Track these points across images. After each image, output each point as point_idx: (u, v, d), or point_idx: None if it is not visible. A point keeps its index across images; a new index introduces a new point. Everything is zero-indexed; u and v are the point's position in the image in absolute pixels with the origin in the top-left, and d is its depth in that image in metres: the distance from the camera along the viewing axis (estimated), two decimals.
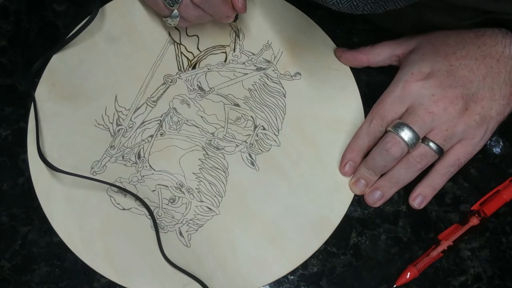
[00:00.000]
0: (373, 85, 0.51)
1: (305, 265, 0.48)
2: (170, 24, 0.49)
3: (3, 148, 0.50)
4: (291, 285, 0.47)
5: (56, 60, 0.52)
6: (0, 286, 0.47)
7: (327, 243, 0.48)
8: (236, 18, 0.49)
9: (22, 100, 0.51)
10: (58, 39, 0.52)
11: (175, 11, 0.47)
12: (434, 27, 0.48)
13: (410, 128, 0.44)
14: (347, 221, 0.49)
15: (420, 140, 0.45)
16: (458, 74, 0.45)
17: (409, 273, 0.47)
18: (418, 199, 0.48)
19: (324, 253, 0.48)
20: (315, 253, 0.48)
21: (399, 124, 0.45)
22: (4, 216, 0.49)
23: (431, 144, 0.45)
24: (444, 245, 0.47)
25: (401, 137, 0.44)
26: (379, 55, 0.50)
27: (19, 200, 0.49)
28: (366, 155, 0.48)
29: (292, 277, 0.47)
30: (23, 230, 0.48)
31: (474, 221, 0.48)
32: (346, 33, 0.53)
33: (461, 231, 0.48)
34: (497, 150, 0.50)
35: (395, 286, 0.47)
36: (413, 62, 0.47)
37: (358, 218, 0.49)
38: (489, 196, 0.49)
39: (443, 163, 0.46)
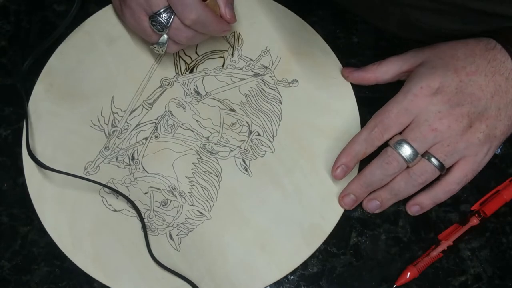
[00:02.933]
0: (370, 94, 0.51)
1: (305, 265, 0.47)
2: (158, 51, 0.48)
3: (3, 148, 0.50)
4: (291, 285, 0.47)
5: (55, 60, 0.52)
6: (0, 286, 0.47)
7: (327, 243, 0.48)
8: None
9: (22, 100, 0.51)
10: (58, 39, 0.52)
11: (164, 36, 0.46)
12: (420, 28, 0.47)
13: (410, 145, 0.44)
14: (347, 221, 0.49)
15: (420, 155, 0.45)
16: (467, 91, 0.44)
17: (409, 273, 0.47)
18: (415, 208, 0.47)
19: (324, 253, 0.48)
20: (315, 253, 0.48)
21: (400, 141, 0.45)
22: (4, 216, 0.49)
23: (433, 159, 0.44)
24: (444, 245, 0.47)
25: (399, 153, 0.44)
26: (387, 73, 0.49)
27: (19, 200, 0.49)
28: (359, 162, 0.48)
29: (292, 277, 0.47)
30: (23, 230, 0.48)
31: (474, 221, 0.48)
32: (346, 33, 0.53)
33: (461, 231, 0.48)
34: (497, 150, 0.50)
35: (395, 286, 0.47)
36: (422, 75, 0.45)
37: (358, 218, 0.49)
38: (489, 196, 0.49)
39: (450, 179, 0.46)
